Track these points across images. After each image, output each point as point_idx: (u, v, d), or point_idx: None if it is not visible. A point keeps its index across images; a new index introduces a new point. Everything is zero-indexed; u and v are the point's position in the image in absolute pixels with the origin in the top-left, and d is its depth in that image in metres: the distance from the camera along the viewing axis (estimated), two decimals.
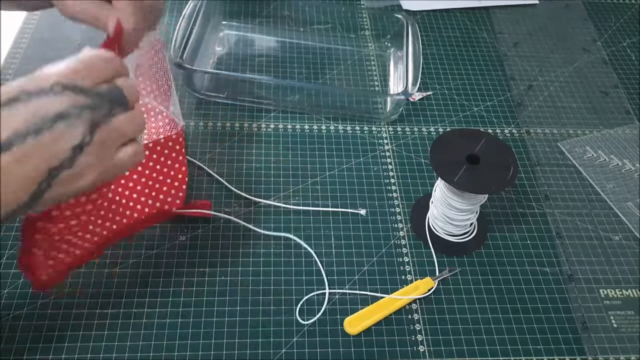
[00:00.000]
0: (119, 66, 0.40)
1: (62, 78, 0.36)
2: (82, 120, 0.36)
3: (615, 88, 0.81)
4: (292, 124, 0.72)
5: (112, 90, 0.38)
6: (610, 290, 0.59)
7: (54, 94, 0.35)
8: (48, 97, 0.35)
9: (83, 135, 0.36)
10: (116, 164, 0.40)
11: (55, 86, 0.36)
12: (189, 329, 0.53)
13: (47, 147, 0.35)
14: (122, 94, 0.39)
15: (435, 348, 0.53)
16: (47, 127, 0.35)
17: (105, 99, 0.38)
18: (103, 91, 0.38)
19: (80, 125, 0.36)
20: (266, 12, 0.86)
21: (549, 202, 0.66)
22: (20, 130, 0.34)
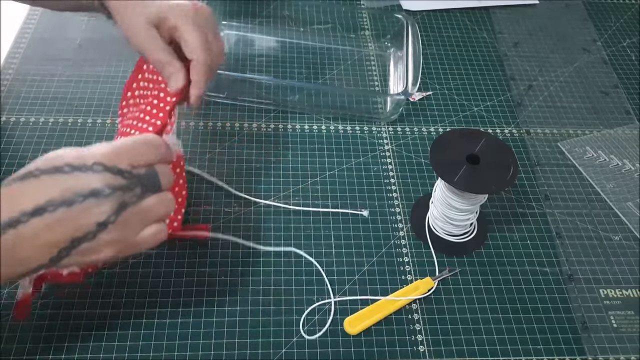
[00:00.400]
0: (164, 153, 0.42)
1: (105, 159, 0.39)
2: (111, 200, 0.38)
3: (615, 88, 0.81)
4: (292, 124, 0.72)
5: (148, 175, 0.41)
6: (610, 290, 0.59)
7: (93, 172, 0.38)
8: (87, 174, 0.38)
9: (109, 214, 0.38)
10: (137, 242, 0.41)
11: (96, 165, 0.38)
12: (189, 329, 0.53)
13: (75, 219, 0.37)
14: (158, 179, 0.42)
15: (435, 348, 0.53)
16: (79, 201, 0.37)
17: (140, 183, 0.40)
18: (139, 174, 0.40)
19: (109, 204, 0.38)
20: (266, 12, 0.86)
21: (549, 202, 0.66)
22: (54, 200, 0.37)
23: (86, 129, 0.68)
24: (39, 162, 0.39)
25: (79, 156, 0.39)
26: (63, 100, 0.71)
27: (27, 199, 0.37)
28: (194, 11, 0.51)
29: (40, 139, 0.67)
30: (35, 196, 0.37)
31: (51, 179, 0.38)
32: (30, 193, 0.37)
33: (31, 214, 0.37)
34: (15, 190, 0.38)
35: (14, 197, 0.38)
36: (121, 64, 0.77)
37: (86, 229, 0.38)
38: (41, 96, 0.72)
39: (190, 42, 0.50)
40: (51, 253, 0.38)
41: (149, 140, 0.42)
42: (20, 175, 0.38)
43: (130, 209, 0.40)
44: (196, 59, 0.50)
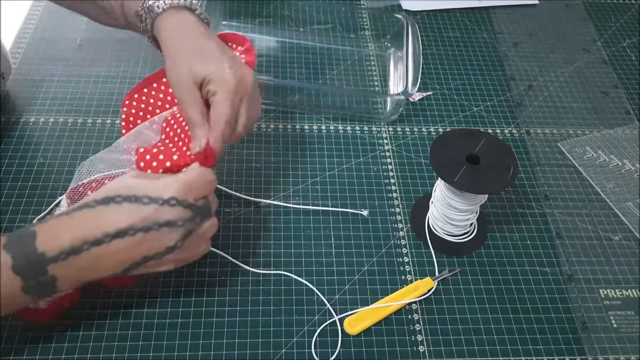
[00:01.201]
0: (214, 186, 0.49)
1: (178, 194, 0.45)
2: (181, 229, 0.45)
3: (615, 88, 0.81)
4: (292, 124, 0.72)
5: (206, 206, 0.48)
6: (610, 290, 0.59)
7: (168, 205, 0.45)
8: (163, 207, 0.44)
9: (177, 241, 0.45)
10: (190, 258, 0.49)
11: (171, 200, 0.45)
12: (189, 329, 0.53)
13: (150, 243, 0.45)
14: (210, 208, 0.48)
15: (435, 348, 0.53)
16: (155, 229, 0.44)
17: (200, 213, 0.47)
18: (201, 206, 0.47)
19: (179, 232, 0.45)
20: (266, 12, 0.86)
21: (549, 202, 0.66)
22: (135, 226, 0.44)
23: (86, 129, 0.68)
24: (119, 188, 0.45)
25: (156, 189, 0.45)
26: (63, 100, 0.71)
27: (110, 222, 0.43)
28: (236, 82, 0.51)
29: (40, 139, 0.67)
30: (118, 221, 0.43)
31: (132, 207, 0.44)
32: (113, 217, 0.44)
33: (113, 236, 0.43)
34: (99, 213, 0.44)
35: (98, 219, 0.44)
36: (121, 64, 0.77)
37: (157, 250, 0.45)
38: (41, 96, 0.72)
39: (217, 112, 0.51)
40: (124, 267, 0.45)
41: (207, 175, 0.48)
42: (101, 199, 0.44)
43: (192, 235, 0.47)
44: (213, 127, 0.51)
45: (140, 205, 0.44)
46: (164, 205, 0.44)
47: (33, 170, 0.64)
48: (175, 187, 0.45)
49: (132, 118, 0.59)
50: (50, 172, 0.64)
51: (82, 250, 0.43)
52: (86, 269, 0.44)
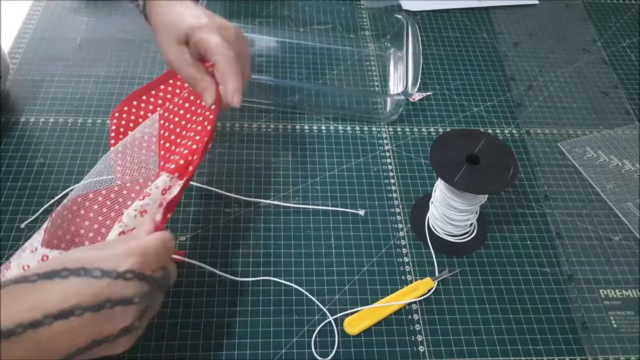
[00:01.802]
0: (171, 254, 0.44)
1: (135, 266, 0.39)
2: (138, 306, 0.39)
3: (615, 88, 0.81)
4: (292, 124, 0.72)
5: (164, 277, 0.42)
6: (610, 290, 0.59)
7: (124, 279, 0.38)
8: (117, 282, 0.38)
9: (134, 319, 0.39)
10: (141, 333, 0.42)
11: (127, 273, 0.38)
12: (189, 329, 0.53)
13: (100, 324, 0.37)
14: (169, 279, 0.43)
15: (435, 348, 0.53)
16: (107, 307, 0.37)
17: (159, 286, 0.41)
18: (158, 278, 0.41)
19: (136, 310, 0.39)
20: (266, 12, 0.86)
21: (549, 202, 0.66)
22: (82, 304, 0.37)
23: (86, 129, 0.68)
24: (66, 260, 0.38)
25: (109, 259, 0.39)
26: (63, 100, 0.71)
27: (52, 300, 0.36)
28: (215, 25, 0.53)
29: (40, 139, 0.67)
30: (62, 299, 0.36)
31: (80, 282, 0.37)
32: (57, 295, 0.37)
33: (55, 317, 0.36)
34: (40, 289, 0.37)
35: (39, 296, 0.37)
36: (121, 64, 0.77)
37: (109, 333, 0.38)
38: (41, 96, 0.72)
39: (211, 44, 0.52)
40: (67, 352, 0.37)
41: (166, 242, 0.43)
42: (44, 273, 0.38)
43: (149, 311, 0.41)
44: (221, 57, 0.52)
45: (90, 279, 0.37)
46: (119, 279, 0.38)
47: (33, 170, 0.64)
48: (132, 258, 0.39)
49: (123, 129, 0.60)
50: (50, 172, 0.64)
51: (15, 333, 0.35)
52: (17, 355, 0.36)
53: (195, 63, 0.54)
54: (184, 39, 0.53)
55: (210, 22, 0.53)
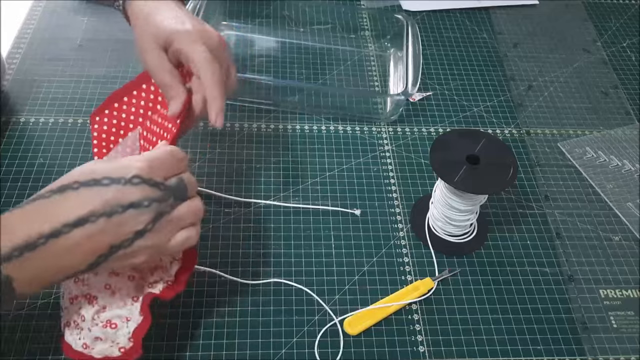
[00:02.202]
0: (185, 164, 0.45)
1: (142, 172, 0.41)
2: (149, 210, 0.41)
3: (615, 88, 0.81)
4: (292, 124, 0.72)
5: (178, 185, 0.44)
6: (610, 290, 0.59)
7: (131, 184, 0.40)
8: (126, 187, 0.40)
9: (147, 223, 0.41)
10: (169, 248, 0.44)
11: (134, 178, 0.41)
12: (189, 329, 0.53)
13: (115, 228, 0.40)
14: (185, 188, 0.44)
15: (435, 348, 0.53)
16: (119, 212, 0.40)
17: (172, 193, 0.43)
18: (171, 185, 0.43)
19: (147, 214, 0.41)
20: (266, 12, 0.86)
21: (549, 202, 0.66)
22: (96, 211, 0.39)
23: (86, 129, 0.68)
24: (76, 175, 0.41)
25: (117, 169, 0.41)
26: (63, 100, 0.71)
27: (68, 210, 0.39)
28: (198, 33, 0.51)
29: (40, 139, 0.67)
30: (77, 208, 0.39)
31: (91, 191, 0.40)
32: (71, 205, 0.39)
33: (73, 225, 0.39)
34: (55, 203, 0.40)
35: (55, 208, 0.39)
36: (121, 64, 0.77)
37: (124, 236, 0.41)
38: (41, 96, 0.72)
39: (194, 58, 0.50)
40: (90, 260, 0.40)
41: (175, 152, 0.45)
42: (57, 188, 0.40)
43: (164, 218, 0.42)
44: (206, 74, 0.50)
45: (100, 187, 0.40)
46: (127, 185, 0.40)
47: (33, 170, 0.64)
48: (138, 165, 0.41)
49: (105, 135, 0.58)
50: (50, 172, 0.64)
51: (38, 244, 0.38)
52: (46, 266, 0.39)
53: (172, 70, 0.52)
54: (164, 44, 0.51)
55: (193, 29, 0.51)
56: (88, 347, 0.46)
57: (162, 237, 0.43)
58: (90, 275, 0.48)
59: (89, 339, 0.47)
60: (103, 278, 0.48)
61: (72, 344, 0.47)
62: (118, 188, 0.40)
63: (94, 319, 0.47)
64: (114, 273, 0.48)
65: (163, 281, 0.48)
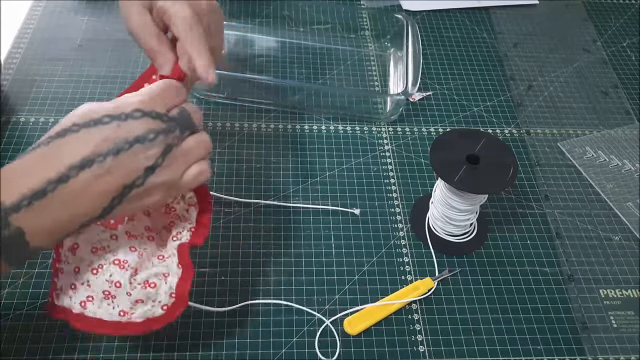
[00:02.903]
0: (185, 95, 0.44)
1: (142, 105, 0.40)
2: (157, 143, 0.40)
3: (615, 88, 0.81)
4: (292, 124, 0.72)
5: (182, 114, 0.42)
6: (610, 290, 0.59)
7: (133, 119, 0.39)
8: (128, 122, 0.39)
9: (156, 158, 0.40)
10: (182, 183, 0.43)
11: (135, 112, 0.39)
12: (189, 329, 0.53)
13: (124, 166, 0.38)
14: (191, 118, 0.43)
15: (435, 348, 0.53)
16: (126, 149, 0.38)
17: (177, 124, 0.41)
18: (175, 116, 0.41)
19: (155, 148, 0.40)
20: (266, 12, 0.86)
21: (549, 202, 0.66)
22: (101, 150, 0.38)
23: None
24: (74, 118, 0.39)
25: (115, 107, 0.39)
26: (63, 100, 0.71)
27: (71, 153, 0.37)
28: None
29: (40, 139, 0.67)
30: (80, 149, 0.37)
31: (92, 130, 0.38)
32: (74, 147, 0.37)
33: (80, 167, 0.37)
34: (57, 147, 0.38)
35: (58, 153, 0.37)
36: (121, 64, 0.77)
37: (135, 174, 0.39)
38: (41, 96, 0.72)
39: (173, 16, 0.46)
40: (103, 204, 0.39)
41: (172, 83, 0.43)
42: (55, 133, 0.38)
43: (174, 151, 0.41)
44: (182, 32, 0.46)
45: (101, 126, 0.38)
46: (129, 119, 0.39)
47: None
48: (137, 99, 0.40)
49: None
50: None
51: (47, 191, 0.36)
52: (57, 214, 0.37)
53: (158, 34, 0.48)
54: (148, 5, 0.48)
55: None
56: (127, 314, 0.44)
57: (174, 171, 0.41)
58: (111, 242, 0.46)
59: (128, 304, 0.44)
60: (124, 241, 0.47)
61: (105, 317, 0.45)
62: (120, 124, 0.38)
63: (132, 283, 0.45)
64: (132, 235, 0.47)
65: (186, 229, 0.48)
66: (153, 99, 0.41)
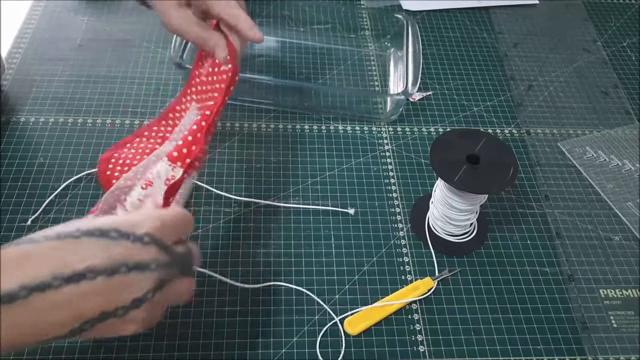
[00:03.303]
0: (191, 228, 0.41)
1: (155, 231, 0.36)
2: (154, 275, 0.35)
3: (615, 88, 0.81)
4: (292, 124, 0.72)
5: (187, 254, 0.39)
6: (610, 290, 0.59)
7: (142, 243, 0.35)
8: (135, 245, 0.35)
9: (148, 291, 0.35)
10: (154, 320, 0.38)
11: (145, 237, 0.35)
12: (189, 329, 0.53)
13: (112, 292, 0.34)
14: (192, 261, 0.40)
15: (435, 348, 0.53)
16: (122, 272, 0.34)
17: (179, 262, 0.38)
18: (179, 253, 0.38)
19: (151, 280, 0.35)
20: (266, 12, 0.86)
21: (549, 202, 0.66)
22: (96, 267, 0.33)
23: (86, 129, 0.68)
24: (79, 222, 0.35)
25: (127, 223, 0.36)
26: (63, 100, 0.71)
27: (62, 262, 0.33)
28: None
29: (40, 139, 0.67)
30: (73, 260, 0.33)
31: (94, 242, 0.34)
32: (68, 255, 0.33)
33: (65, 280, 0.32)
34: (48, 249, 0.33)
35: (47, 257, 0.33)
36: (121, 64, 0.77)
37: (121, 303, 0.34)
38: (41, 96, 0.72)
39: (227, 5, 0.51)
40: (73, 325, 0.33)
41: (187, 215, 0.41)
42: (55, 234, 0.34)
43: (165, 288, 0.37)
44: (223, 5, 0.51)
45: (106, 240, 0.34)
46: (136, 242, 0.35)
47: (33, 170, 0.64)
48: (151, 222, 0.36)
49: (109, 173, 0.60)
50: (50, 172, 0.64)
51: (18, 297, 0.31)
52: (22, 324, 0.32)
53: (199, 22, 0.52)
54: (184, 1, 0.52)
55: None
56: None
57: (155, 310, 0.37)
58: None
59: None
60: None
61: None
62: (126, 244, 0.34)
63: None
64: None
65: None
66: (165, 227, 0.37)
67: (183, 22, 0.52)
